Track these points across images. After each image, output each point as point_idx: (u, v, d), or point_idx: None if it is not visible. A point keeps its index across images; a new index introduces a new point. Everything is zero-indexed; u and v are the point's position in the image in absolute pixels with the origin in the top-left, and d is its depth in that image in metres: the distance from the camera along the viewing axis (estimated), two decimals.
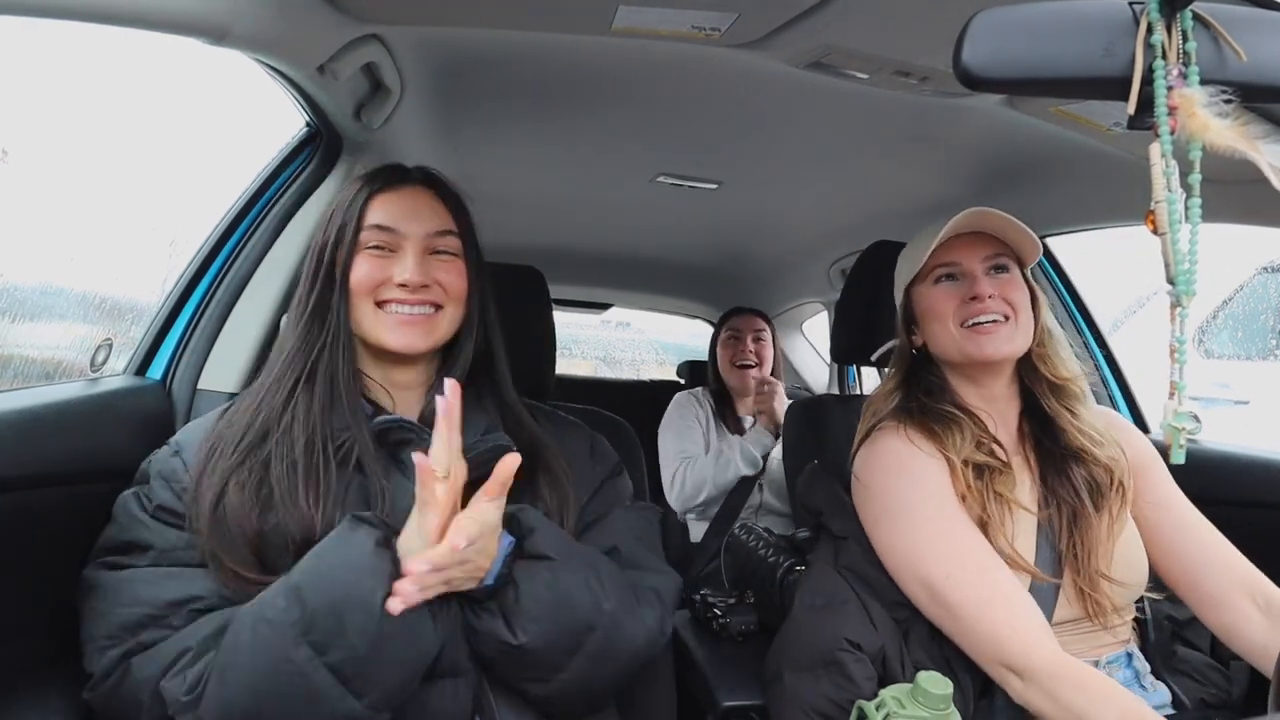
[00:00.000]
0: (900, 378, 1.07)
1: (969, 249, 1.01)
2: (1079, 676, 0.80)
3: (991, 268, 1.00)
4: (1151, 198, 0.54)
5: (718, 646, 1.34)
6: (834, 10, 0.91)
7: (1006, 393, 1.03)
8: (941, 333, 1.01)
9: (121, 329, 1.12)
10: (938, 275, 1.02)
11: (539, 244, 2.40)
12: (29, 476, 0.75)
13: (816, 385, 2.91)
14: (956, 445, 0.96)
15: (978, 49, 0.52)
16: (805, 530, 1.18)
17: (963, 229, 1.00)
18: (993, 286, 0.98)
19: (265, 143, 1.19)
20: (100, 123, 1.15)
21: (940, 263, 1.02)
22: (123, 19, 0.66)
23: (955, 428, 0.97)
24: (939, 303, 1.01)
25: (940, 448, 0.96)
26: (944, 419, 0.99)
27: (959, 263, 1.01)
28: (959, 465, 0.94)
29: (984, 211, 0.99)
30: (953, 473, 0.94)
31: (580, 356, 5.54)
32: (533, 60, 1.17)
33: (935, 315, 1.01)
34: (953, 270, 1.01)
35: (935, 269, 1.02)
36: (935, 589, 0.89)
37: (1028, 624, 0.84)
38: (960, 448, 0.95)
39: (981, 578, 0.87)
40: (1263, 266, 3.48)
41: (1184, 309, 0.58)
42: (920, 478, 0.95)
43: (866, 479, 1.00)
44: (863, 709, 0.77)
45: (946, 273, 1.02)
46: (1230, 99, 0.52)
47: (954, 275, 1.01)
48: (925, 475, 0.95)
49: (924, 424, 0.99)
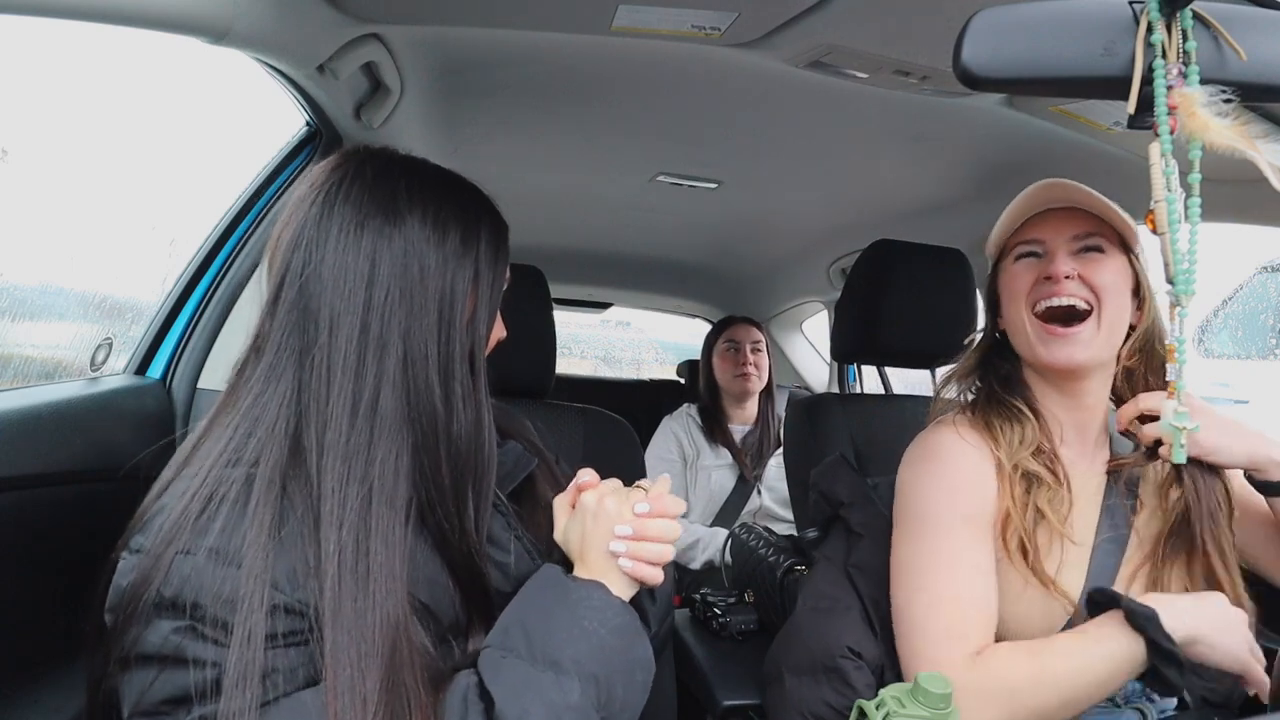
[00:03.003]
0: (975, 360, 0.98)
1: (1057, 224, 0.89)
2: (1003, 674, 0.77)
3: (1082, 248, 0.88)
4: (1151, 197, 0.54)
5: (718, 646, 1.34)
6: (834, 10, 0.91)
7: (1094, 399, 0.91)
8: (1015, 317, 0.91)
9: (121, 328, 1.12)
10: (1020, 251, 0.92)
11: (539, 243, 2.41)
12: (29, 476, 0.75)
13: (817, 385, 2.91)
14: (1011, 446, 0.87)
15: (978, 48, 0.52)
16: (813, 530, 1.16)
17: (1056, 203, 0.90)
18: (1075, 266, 0.86)
19: (265, 142, 1.19)
20: (100, 122, 1.15)
21: (1025, 239, 0.92)
22: (123, 18, 0.66)
23: (1016, 426, 0.89)
24: (1014, 280, 0.91)
25: (992, 446, 0.88)
26: (1008, 414, 0.90)
27: (1043, 239, 0.90)
28: (1009, 470, 0.86)
29: (1063, 184, 0.87)
30: (1000, 477, 0.86)
31: (580, 356, 5.55)
32: (533, 60, 1.17)
33: (1010, 294, 0.92)
34: (1035, 247, 0.91)
35: (1018, 245, 0.92)
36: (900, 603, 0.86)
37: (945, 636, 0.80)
38: (1015, 450, 0.87)
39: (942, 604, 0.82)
40: (1263, 266, 3.48)
41: (1183, 308, 0.58)
42: (956, 484, 0.87)
43: (905, 476, 0.94)
44: (862, 708, 0.76)
45: (1030, 250, 0.91)
46: (1230, 99, 0.52)
47: (1036, 253, 0.90)
48: (966, 474, 0.87)
49: (984, 416, 0.91)
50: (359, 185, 0.63)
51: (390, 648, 0.57)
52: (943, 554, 0.84)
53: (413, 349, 0.62)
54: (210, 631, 0.53)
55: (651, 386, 3.50)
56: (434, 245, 0.63)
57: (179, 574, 0.53)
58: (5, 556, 0.72)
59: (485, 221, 0.69)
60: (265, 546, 0.55)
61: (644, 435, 1.32)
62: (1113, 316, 0.86)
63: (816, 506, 1.09)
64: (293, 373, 0.61)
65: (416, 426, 0.62)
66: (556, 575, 0.64)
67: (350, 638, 0.55)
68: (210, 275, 1.14)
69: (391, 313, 0.61)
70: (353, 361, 0.60)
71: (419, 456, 0.62)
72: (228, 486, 0.57)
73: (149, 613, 0.53)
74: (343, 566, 0.56)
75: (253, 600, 0.53)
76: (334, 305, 0.60)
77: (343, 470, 0.58)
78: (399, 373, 0.61)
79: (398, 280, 0.62)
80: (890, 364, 1.98)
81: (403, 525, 0.61)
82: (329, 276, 0.61)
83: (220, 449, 0.59)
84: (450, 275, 0.64)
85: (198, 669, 0.52)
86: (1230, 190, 0.97)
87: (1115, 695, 0.88)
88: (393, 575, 0.59)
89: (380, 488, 0.60)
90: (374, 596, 0.57)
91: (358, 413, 0.60)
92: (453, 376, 0.64)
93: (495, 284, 0.69)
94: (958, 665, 0.78)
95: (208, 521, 0.55)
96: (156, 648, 0.53)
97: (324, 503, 0.57)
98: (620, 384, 3.57)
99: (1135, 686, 0.91)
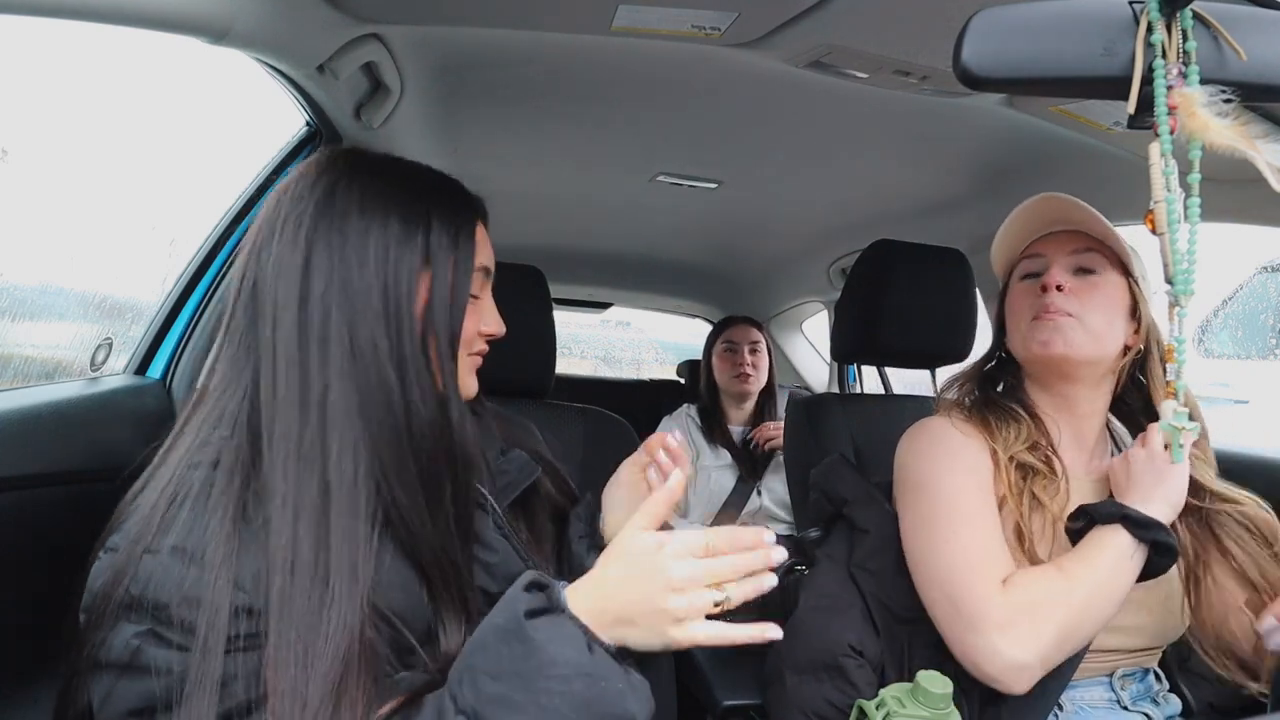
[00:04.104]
0: (977, 369, 1.01)
1: (1059, 242, 0.92)
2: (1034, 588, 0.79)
3: (1077, 267, 0.90)
4: (1151, 197, 0.54)
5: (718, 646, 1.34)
6: (834, 10, 0.91)
7: (1088, 407, 0.93)
8: (1015, 331, 0.94)
9: (121, 328, 1.12)
10: (1024, 271, 0.95)
11: (539, 243, 2.41)
12: (29, 476, 0.75)
13: (817, 385, 2.91)
14: (1007, 440, 0.90)
15: (978, 48, 0.52)
16: (815, 530, 1.16)
17: (1057, 226, 0.93)
18: (1068, 280, 0.89)
19: (265, 142, 1.19)
20: (100, 122, 1.15)
21: (1029, 255, 0.95)
22: (123, 18, 0.66)
23: (1012, 423, 0.91)
24: (1017, 299, 0.94)
25: (988, 438, 0.90)
26: (1002, 413, 0.93)
27: (1043, 254, 0.93)
28: (1004, 460, 0.88)
29: (1064, 202, 0.89)
30: (996, 466, 0.88)
31: (580, 356, 5.55)
32: (533, 59, 1.17)
33: (1013, 312, 0.95)
34: (1037, 265, 0.93)
35: (1024, 261, 0.96)
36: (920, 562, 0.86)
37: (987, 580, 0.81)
38: (1010, 444, 0.89)
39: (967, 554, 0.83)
40: (1263, 266, 3.48)
41: (1182, 308, 0.58)
42: (959, 457, 0.89)
43: (904, 459, 0.95)
44: (862, 708, 0.76)
45: (1033, 269, 0.94)
46: (1230, 99, 0.52)
47: (1036, 273, 0.93)
48: (965, 456, 0.89)
49: (980, 414, 0.94)
50: (304, 183, 0.64)
51: (343, 654, 0.54)
52: (957, 510, 0.86)
53: (359, 339, 0.60)
54: (173, 635, 0.52)
55: (651, 386, 3.50)
56: (371, 233, 0.62)
57: (144, 573, 0.53)
58: (5, 556, 0.72)
59: (436, 204, 0.66)
60: (226, 543, 0.54)
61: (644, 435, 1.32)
62: (1097, 327, 0.88)
63: (818, 506, 1.09)
64: (250, 370, 0.61)
65: (371, 420, 0.60)
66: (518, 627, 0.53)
67: (298, 636, 0.53)
68: (210, 275, 1.14)
69: (331, 303, 0.60)
70: (295, 354, 0.59)
71: (378, 452, 0.60)
72: (191, 484, 0.56)
73: (116, 614, 0.53)
74: (296, 563, 0.55)
75: (217, 600, 0.52)
76: (275, 300, 0.60)
77: (296, 465, 0.57)
78: (347, 364, 0.60)
79: (335, 270, 0.61)
80: (890, 364, 1.98)
81: (366, 524, 0.59)
82: (271, 272, 0.61)
83: (186, 447, 0.59)
84: (393, 263, 0.62)
85: (158, 676, 0.51)
86: (1230, 190, 0.97)
87: (1122, 698, 0.89)
88: (353, 577, 0.56)
89: (338, 483, 0.58)
90: (330, 597, 0.55)
91: (307, 406, 0.59)
92: (407, 368, 0.62)
93: (459, 270, 0.66)
94: (995, 595, 0.79)
95: (171, 519, 0.55)
96: (119, 653, 0.52)
97: (274, 498, 0.56)
98: (620, 384, 3.57)
99: (1140, 689, 0.91)
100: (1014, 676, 0.77)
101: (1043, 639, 0.76)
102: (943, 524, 0.86)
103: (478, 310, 0.71)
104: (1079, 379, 0.91)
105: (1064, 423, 0.93)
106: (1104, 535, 0.79)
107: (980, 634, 0.78)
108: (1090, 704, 0.88)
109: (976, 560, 0.82)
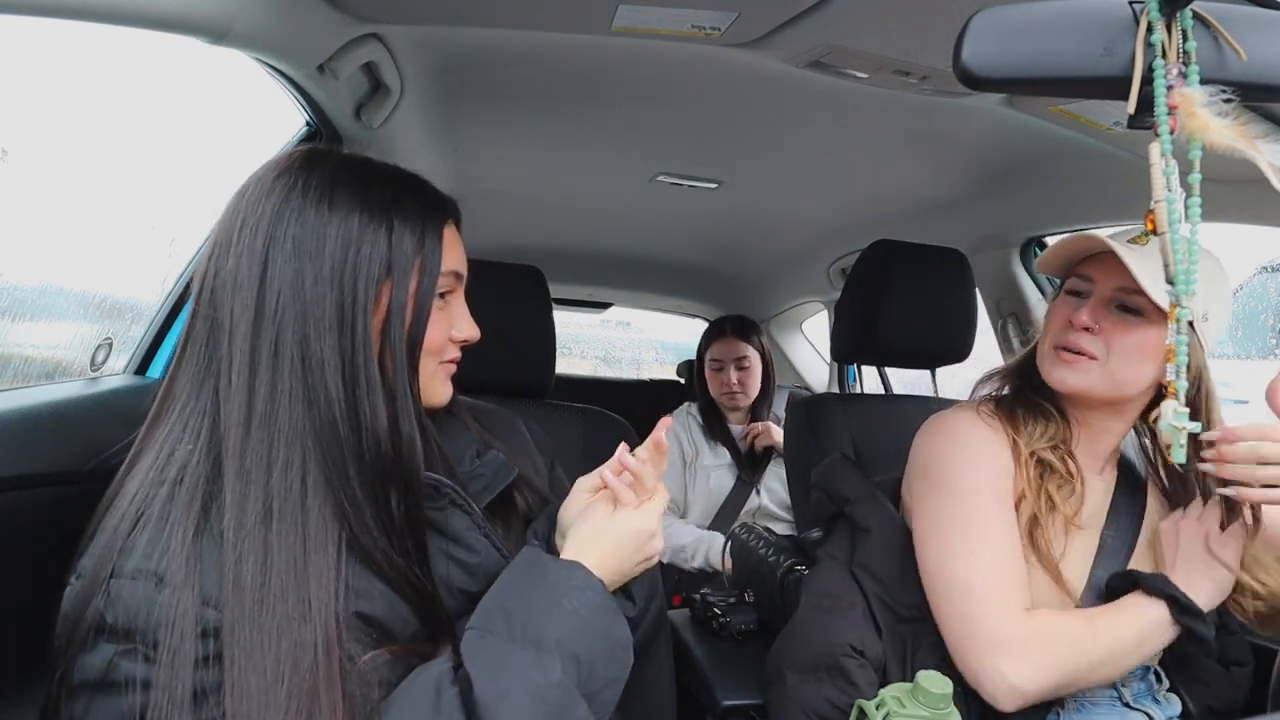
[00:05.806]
0: (1015, 364, 0.99)
1: (1108, 272, 0.86)
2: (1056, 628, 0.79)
3: (1121, 304, 0.85)
4: (1151, 197, 0.54)
5: (718, 646, 1.34)
6: (834, 10, 0.91)
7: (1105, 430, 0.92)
8: (1044, 342, 0.92)
9: (121, 328, 1.12)
10: (1072, 286, 0.91)
11: (539, 243, 2.41)
12: (29, 476, 0.75)
13: (817, 385, 2.91)
14: (1031, 435, 0.89)
15: (978, 48, 0.52)
16: (816, 530, 1.16)
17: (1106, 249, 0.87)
18: (1100, 321, 0.85)
19: (265, 142, 1.19)
20: (100, 122, 1.15)
21: (1081, 272, 0.90)
22: (123, 18, 0.66)
23: (1041, 420, 0.90)
24: (1056, 310, 0.92)
25: (1013, 432, 0.89)
26: (1035, 409, 0.92)
27: (1093, 279, 0.88)
28: (1025, 455, 0.87)
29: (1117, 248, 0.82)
30: (1017, 461, 0.88)
31: (580, 356, 5.56)
32: (533, 60, 1.17)
33: (1050, 320, 0.92)
34: (1083, 286, 0.89)
35: (1075, 276, 0.92)
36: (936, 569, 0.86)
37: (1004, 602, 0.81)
38: (1034, 439, 0.89)
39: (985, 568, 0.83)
40: (1263, 266, 3.48)
41: (1183, 308, 0.58)
42: (980, 455, 0.89)
43: (922, 449, 0.95)
44: (862, 708, 0.77)
45: (1079, 288, 0.90)
46: (1230, 98, 0.52)
47: (1081, 293, 0.89)
48: (985, 454, 0.89)
49: (1009, 408, 0.93)
50: (259, 189, 0.61)
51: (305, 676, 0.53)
52: (976, 519, 0.86)
53: (310, 355, 0.58)
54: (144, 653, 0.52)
55: (651, 386, 3.50)
56: (328, 238, 0.59)
57: (110, 598, 0.53)
58: (4, 557, 0.72)
59: (398, 204, 0.63)
60: (187, 563, 0.53)
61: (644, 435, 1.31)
62: (1120, 373, 0.85)
63: (819, 505, 1.09)
64: (211, 383, 0.59)
65: (320, 438, 0.58)
66: (536, 555, 0.64)
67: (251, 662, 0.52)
68: None
69: (285, 317, 0.58)
70: (246, 371, 0.57)
71: (328, 469, 0.58)
72: (153, 504, 0.56)
73: (86, 637, 0.53)
74: (239, 586, 0.53)
75: (181, 620, 0.52)
76: (233, 311, 0.58)
77: (240, 485, 0.56)
78: (296, 381, 0.58)
79: (289, 282, 0.58)
80: (890, 364, 1.98)
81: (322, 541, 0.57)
82: (229, 282, 0.59)
83: (149, 465, 0.58)
84: (350, 269, 0.60)
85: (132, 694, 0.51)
86: (1230, 190, 0.97)
87: (1124, 695, 0.89)
88: (301, 598, 0.55)
89: (283, 502, 0.56)
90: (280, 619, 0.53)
91: (252, 423, 0.57)
92: (358, 384, 0.60)
93: (424, 273, 0.63)
94: (1013, 619, 0.80)
95: (134, 541, 0.54)
96: (93, 673, 0.52)
97: (225, 516, 0.55)
98: (620, 384, 3.58)
99: (1142, 688, 0.91)
100: (1009, 700, 0.78)
101: (1049, 677, 0.78)
102: (961, 533, 0.86)
103: (447, 316, 0.68)
104: (1096, 408, 0.91)
105: (1082, 431, 0.93)
106: (1144, 604, 0.80)
107: (991, 655, 0.79)
108: (1093, 700, 0.89)
109: (997, 580, 0.82)
